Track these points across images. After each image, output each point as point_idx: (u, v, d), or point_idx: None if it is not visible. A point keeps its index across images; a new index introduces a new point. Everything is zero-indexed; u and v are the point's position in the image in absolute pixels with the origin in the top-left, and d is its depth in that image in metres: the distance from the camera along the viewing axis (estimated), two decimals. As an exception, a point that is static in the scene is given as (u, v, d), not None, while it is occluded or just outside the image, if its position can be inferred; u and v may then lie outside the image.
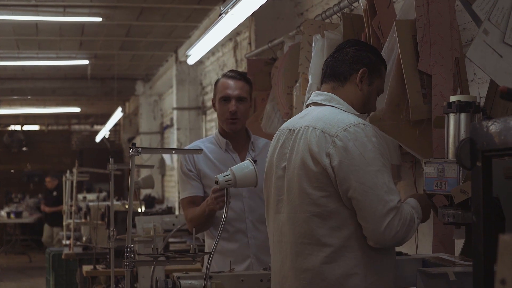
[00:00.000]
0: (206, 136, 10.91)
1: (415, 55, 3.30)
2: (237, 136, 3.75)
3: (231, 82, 3.68)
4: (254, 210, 3.67)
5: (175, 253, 3.16)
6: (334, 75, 2.74)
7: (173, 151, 3.40)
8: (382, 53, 3.37)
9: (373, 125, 3.30)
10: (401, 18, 3.44)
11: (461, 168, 2.76)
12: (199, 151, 3.20)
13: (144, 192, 12.07)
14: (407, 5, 3.47)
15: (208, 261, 3.00)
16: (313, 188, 2.56)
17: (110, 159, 4.37)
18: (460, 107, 2.82)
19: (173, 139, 12.06)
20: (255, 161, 3.70)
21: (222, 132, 3.75)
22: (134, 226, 4.91)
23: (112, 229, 4.28)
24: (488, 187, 2.20)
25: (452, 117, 2.86)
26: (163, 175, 14.04)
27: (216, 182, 3.09)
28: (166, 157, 13.24)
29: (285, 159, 2.69)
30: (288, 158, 2.67)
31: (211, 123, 10.60)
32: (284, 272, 2.69)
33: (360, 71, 2.70)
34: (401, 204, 2.54)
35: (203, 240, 3.91)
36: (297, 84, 4.36)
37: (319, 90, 2.80)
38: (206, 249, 3.77)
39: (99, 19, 9.00)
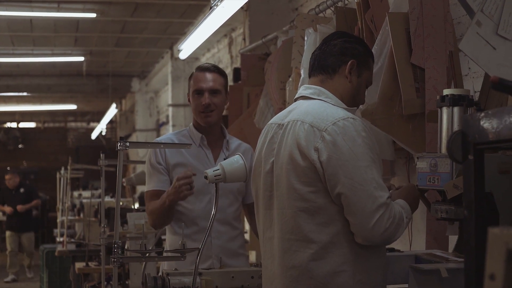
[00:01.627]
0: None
1: (408, 49, 3.25)
2: (212, 131, 3.62)
3: (204, 75, 3.57)
4: (221, 210, 3.52)
5: (165, 250, 3.10)
6: (322, 67, 2.68)
7: (162, 146, 3.31)
8: (375, 46, 3.33)
9: (366, 119, 3.28)
10: (394, 10, 3.39)
11: (454, 163, 2.72)
12: (188, 145, 3.12)
13: (140, 189, 12.02)
14: (400, -2, 3.42)
15: (197, 257, 2.95)
16: (301, 183, 2.51)
17: (101, 154, 4.32)
18: (453, 101, 2.78)
19: (168, 136, 12.01)
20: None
21: (197, 126, 3.63)
22: (126, 222, 4.88)
23: (103, 226, 4.22)
24: (480, 181, 2.15)
25: (445, 111, 2.81)
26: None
27: (206, 177, 3.04)
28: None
29: (273, 154, 2.63)
30: (276, 152, 2.62)
31: (207, 120, 10.54)
32: (273, 269, 2.64)
33: (349, 62, 2.64)
34: (390, 201, 2.49)
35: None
36: (290, 79, 4.31)
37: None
38: (167, 247, 3.62)
39: (93, 15, 8.95)
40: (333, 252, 2.48)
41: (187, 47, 6.32)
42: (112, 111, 13.85)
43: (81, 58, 12.15)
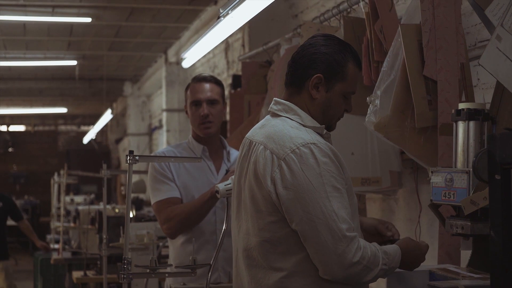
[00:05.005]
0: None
1: (420, 61, 3.20)
2: (212, 142, 3.57)
3: (201, 85, 3.53)
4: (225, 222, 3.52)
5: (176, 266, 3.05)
6: (292, 79, 2.49)
7: (172, 159, 3.25)
8: (387, 58, 3.29)
9: (379, 132, 3.23)
10: (405, 22, 3.35)
11: (471, 178, 2.68)
12: (198, 159, 3.07)
13: (132, 194, 11.95)
14: (412, 8, 3.38)
15: (209, 272, 2.90)
16: (261, 212, 2.39)
17: (103, 164, 4.25)
18: (469, 115, 2.74)
19: (162, 140, 11.96)
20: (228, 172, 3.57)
21: (197, 138, 3.57)
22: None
23: (105, 237, 4.16)
24: (507, 201, 2.12)
25: (461, 125, 2.78)
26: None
27: (217, 191, 2.99)
28: (155, 158, 13.12)
29: (243, 174, 2.50)
30: (245, 174, 2.49)
31: (201, 125, 10.49)
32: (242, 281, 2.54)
33: (313, 77, 2.44)
34: (355, 235, 2.29)
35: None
36: (295, 89, 4.26)
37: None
38: (171, 260, 3.54)
39: (88, 20, 8.89)
40: (297, 281, 2.35)
41: (191, 56, 6.25)
42: (107, 116, 13.75)
43: (74, 62, 12.06)
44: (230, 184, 2.90)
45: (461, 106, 2.80)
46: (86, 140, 18.18)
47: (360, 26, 3.85)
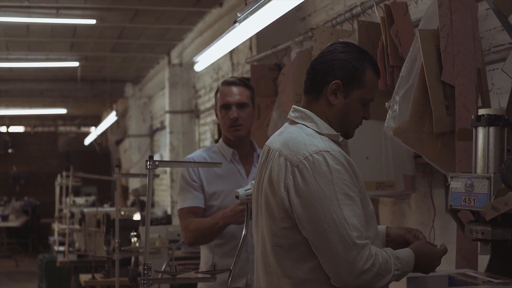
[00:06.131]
0: (199, 139, 10.80)
1: (438, 66, 3.21)
2: (242, 145, 3.60)
3: (230, 89, 3.55)
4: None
5: (195, 270, 3.05)
6: (311, 86, 2.50)
7: (192, 164, 3.26)
8: (405, 63, 3.30)
9: (398, 138, 3.24)
10: (423, 27, 3.35)
11: (492, 184, 2.69)
12: (218, 164, 3.07)
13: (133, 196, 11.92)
14: (430, 13, 3.39)
15: (228, 278, 2.90)
16: (274, 218, 2.41)
17: (115, 168, 4.26)
18: (490, 121, 2.75)
19: (164, 142, 11.94)
20: None
21: (227, 142, 3.60)
22: (138, 236, 4.80)
23: (117, 241, 4.15)
24: (536, 209, 2.12)
25: (481, 130, 2.78)
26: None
27: (237, 197, 2.99)
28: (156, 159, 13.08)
29: (261, 180, 2.52)
30: (262, 180, 2.50)
31: (205, 127, 10.49)
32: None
33: (332, 83, 2.44)
34: (367, 243, 2.29)
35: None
36: (308, 93, 4.26)
37: None
38: (202, 265, 3.59)
39: (93, 21, 8.86)
40: None
41: (204, 59, 6.23)
42: (112, 117, 13.71)
43: (76, 63, 12.05)
44: (250, 189, 2.90)
45: (481, 112, 2.80)
46: (88, 141, 18.13)
47: (374, 30, 3.86)
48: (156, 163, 2.87)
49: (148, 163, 2.85)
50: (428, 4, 4.12)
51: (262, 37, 6.43)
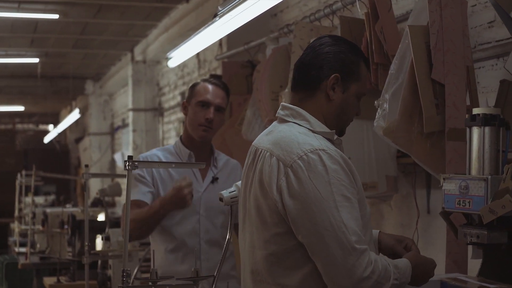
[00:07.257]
0: (163, 138, 10.61)
1: (428, 63, 3.11)
2: (202, 148, 3.47)
3: (213, 88, 3.42)
4: (209, 231, 3.41)
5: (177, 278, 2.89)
6: (303, 82, 2.36)
7: (173, 165, 3.10)
8: (394, 60, 3.18)
9: (388, 138, 3.12)
10: (412, 23, 3.24)
11: (489, 186, 2.59)
12: (201, 164, 2.90)
13: (92, 195, 11.65)
14: (418, 9, 3.28)
15: (212, 284, 2.77)
16: (266, 223, 2.26)
17: (84, 167, 4.07)
18: (485, 120, 2.65)
19: (127, 140, 11.72)
20: (216, 179, 3.45)
21: (186, 142, 3.46)
22: (108, 239, 4.61)
23: (87, 243, 3.96)
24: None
25: (475, 130, 2.69)
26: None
27: (221, 199, 2.85)
28: (117, 158, 12.87)
29: (249, 183, 2.37)
30: (251, 182, 2.35)
31: (169, 125, 10.30)
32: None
33: (331, 77, 2.31)
34: (366, 248, 2.15)
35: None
36: (286, 90, 4.14)
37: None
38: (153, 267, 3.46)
39: (55, 16, 8.62)
40: None
41: (178, 55, 6.06)
42: (74, 115, 13.42)
43: (36, 60, 11.75)
44: (235, 191, 2.76)
45: (476, 111, 2.70)
46: (47, 139, 17.76)
47: (357, 26, 3.74)
48: (136, 163, 2.71)
49: (127, 163, 2.68)
50: (409, 0, 4.04)
51: (232, 34, 6.25)
